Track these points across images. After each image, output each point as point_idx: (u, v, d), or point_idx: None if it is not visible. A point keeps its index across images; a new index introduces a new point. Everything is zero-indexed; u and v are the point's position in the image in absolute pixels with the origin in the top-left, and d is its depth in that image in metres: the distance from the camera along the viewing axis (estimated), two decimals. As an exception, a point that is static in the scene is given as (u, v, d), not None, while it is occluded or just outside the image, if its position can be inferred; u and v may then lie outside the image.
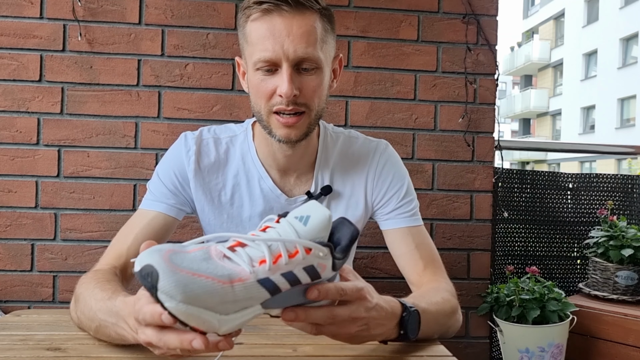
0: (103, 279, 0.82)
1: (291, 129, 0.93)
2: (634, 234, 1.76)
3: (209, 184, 1.03)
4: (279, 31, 0.87)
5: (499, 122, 1.84)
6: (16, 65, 1.62)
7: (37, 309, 1.60)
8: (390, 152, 1.10)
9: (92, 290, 0.78)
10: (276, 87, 0.90)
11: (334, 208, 1.07)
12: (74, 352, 0.72)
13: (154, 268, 0.52)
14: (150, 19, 1.65)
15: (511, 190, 1.96)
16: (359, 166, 1.07)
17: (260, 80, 0.91)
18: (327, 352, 0.76)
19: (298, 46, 0.87)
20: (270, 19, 0.87)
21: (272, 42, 0.87)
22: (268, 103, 0.92)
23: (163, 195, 1.01)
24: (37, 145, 1.63)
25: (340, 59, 1.03)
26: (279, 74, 0.89)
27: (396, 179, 1.08)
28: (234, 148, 1.05)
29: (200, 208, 1.05)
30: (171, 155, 1.05)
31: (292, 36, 0.87)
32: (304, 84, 0.91)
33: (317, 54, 0.90)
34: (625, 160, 16.41)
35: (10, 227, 1.62)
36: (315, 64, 0.91)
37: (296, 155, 1.02)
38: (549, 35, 28.10)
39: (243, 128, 1.08)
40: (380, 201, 1.08)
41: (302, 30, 0.88)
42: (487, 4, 1.77)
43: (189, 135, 1.04)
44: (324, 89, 0.96)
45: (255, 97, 0.94)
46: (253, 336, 0.81)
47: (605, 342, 1.69)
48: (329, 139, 1.08)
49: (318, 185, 1.05)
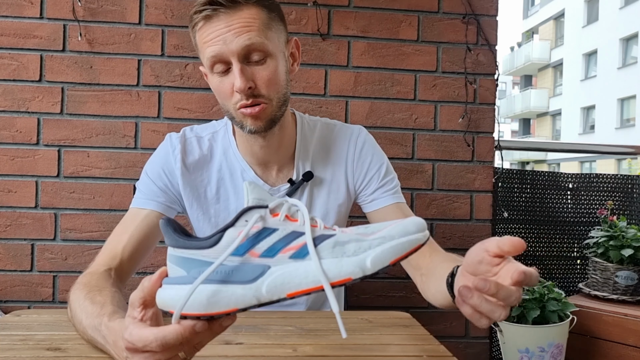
0: (94, 288, 0.81)
1: (256, 118, 0.95)
2: (634, 234, 1.76)
3: (195, 181, 1.06)
4: (220, 30, 0.90)
5: (499, 122, 1.84)
6: (16, 65, 1.62)
7: (37, 309, 1.60)
8: (365, 135, 1.13)
9: (82, 302, 0.78)
10: (232, 84, 0.92)
11: (316, 194, 1.09)
12: (74, 352, 0.72)
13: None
14: (150, 19, 1.65)
15: (511, 190, 1.96)
16: (338, 151, 1.10)
17: (219, 82, 0.94)
18: (327, 352, 0.76)
19: (239, 38, 0.89)
20: (211, 23, 0.91)
21: (216, 40, 0.90)
22: (231, 101, 0.94)
23: (153, 194, 1.03)
24: (37, 145, 1.63)
25: (295, 41, 1.04)
26: (232, 72, 0.92)
27: (375, 159, 1.10)
28: (216, 144, 1.08)
29: (189, 205, 1.06)
30: (158, 155, 1.07)
31: (232, 30, 0.89)
32: (256, 75, 0.92)
33: (262, 41, 0.91)
34: (625, 160, 16.40)
35: (10, 227, 1.62)
36: (264, 53, 0.92)
37: (272, 146, 1.04)
38: (549, 35, 28.10)
39: (223, 123, 1.11)
40: (362, 183, 1.10)
41: (242, 23, 0.90)
42: (487, 4, 1.77)
43: (173, 136, 1.07)
44: (280, 75, 0.96)
45: (219, 98, 0.97)
46: (253, 336, 0.81)
47: (605, 342, 1.69)
48: (306, 128, 1.11)
49: (299, 174, 1.08)
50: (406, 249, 0.56)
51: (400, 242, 0.56)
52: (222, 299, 0.54)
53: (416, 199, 1.74)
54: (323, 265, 0.54)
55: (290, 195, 1.05)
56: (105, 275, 0.89)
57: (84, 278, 0.86)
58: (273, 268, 0.55)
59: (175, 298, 0.54)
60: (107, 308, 0.73)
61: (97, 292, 0.79)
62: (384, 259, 0.55)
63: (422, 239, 0.57)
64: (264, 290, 0.54)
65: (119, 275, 0.92)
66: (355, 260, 0.55)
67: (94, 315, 0.73)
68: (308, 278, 0.54)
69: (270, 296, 0.54)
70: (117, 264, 0.93)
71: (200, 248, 0.55)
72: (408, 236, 0.56)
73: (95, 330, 0.71)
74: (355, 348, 0.76)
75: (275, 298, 0.55)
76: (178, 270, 0.56)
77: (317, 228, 0.57)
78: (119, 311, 0.72)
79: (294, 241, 0.56)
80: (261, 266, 0.55)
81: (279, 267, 0.55)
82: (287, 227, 0.56)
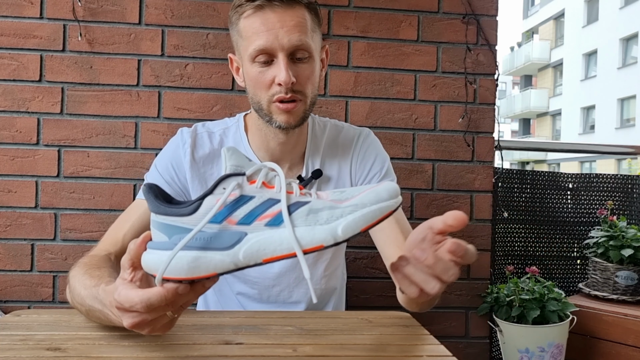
0: (93, 266, 0.85)
1: (290, 114, 0.98)
2: (634, 234, 1.76)
3: (204, 174, 1.07)
4: (272, 23, 0.92)
5: (499, 122, 1.84)
6: (16, 65, 1.62)
7: (37, 309, 1.60)
8: (372, 137, 1.17)
9: (81, 277, 0.81)
10: (274, 77, 0.95)
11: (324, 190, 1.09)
12: (74, 352, 0.72)
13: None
14: (150, 19, 1.65)
15: (511, 190, 1.96)
16: (345, 151, 1.14)
17: (258, 72, 0.96)
18: (327, 352, 0.76)
19: (292, 35, 0.93)
20: (263, 14, 0.93)
21: (266, 33, 0.92)
22: (268, 93, 0.97)
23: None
24: (37, 145, 1.63)
25: (326, 50, 1.08)
26: (275, 65, 0.95)
27: (378, 161, 1.14)
28: (227, 139, 1.10)
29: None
30: (168, 148, 1.10)
31: (285, 27, 0.92)
32: (299, 72, 0.96)
33: (310, 42, 0.96)
34: (625, 160, 16.41)
35: (10, 227, 1.62)
36: (308, 53, 0.96)
37: (289, 144, 1.07)
38: (549, 35, 28.10)
39: (235, 120, 1.13)
40: (363, 181, 1.13)
41: (295, 21, 0.93)
42: (487, 4, 1.77)
43: (184, 130, 1.10)
44: (316, 76, 1.01)
45: (255, 88, 0.99)
46: (253, 336, 0.81)
47: (605, 342, 1.69)
48: (317, 128, 1.14)
49: (309, 171, 1.10)
50: (377, 217, 0.58)
51: (372, 210, 0.58)
52: (201, 265, 0.57)
53: (416, 199, 1.73)
54: (296, 233, 0.57)
55: None
56: (105, 257, 0.92)
57: (84, 259, 0.90)
58: (249, 235, 0.57)
59: (158, 262, 0.57)
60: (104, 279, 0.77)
61: (96, 269, 0.83)
62: (355, 227, 0.58)
63: (393, 205, 0.59)
64: (240, 257, 0.57)
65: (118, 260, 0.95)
66: (327, 228, 0.57)
67: (92, 286, 0.76)
68: (282, 245, 0.57)
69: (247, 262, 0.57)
70: (118, 250, 0.97)
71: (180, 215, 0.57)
72: (379, 203, 0.59)
73: (93, 299, 0.75)
74: (355, 348, 0.76)
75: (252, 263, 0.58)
76: (160, 235, 0.58)
77: (293, 195, 0.60)
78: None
79: (269, 209, 0.58)
80: (238, 233, 0.57)
81: (255, 234, 0.57)
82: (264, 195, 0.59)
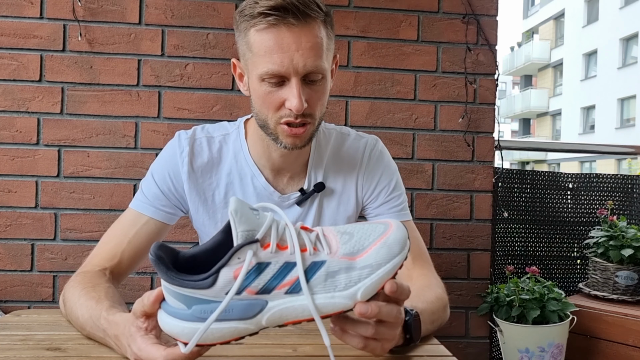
0: (88, 285, 0.83)
1: (297, 138, 0.93)
2: (634, 234, 1.76)
3: (202, 185, 1.03)
4: (287, 45, 0.86)
5: (499, 122, 1.84)
6: (16, 65, 1.62)
7: (37, 309, 1.60)
8: (380, 148, 1.11)
9: (78, 300, 0.80)
10: (284, 99, 0.89)
11: (326, 205, 1.07)
12: (74, 352, 0.72)
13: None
14: (150, 19, 1.65)
15: (511, 190, 1.96)
16: (351, 163, 1.08)
17: (267, 92, 0.90)
18: (327, 352, 0.76)
19: (308, 60, 0.87)
20: (278, 32, 0.86)
21: (280, 55, 0.86)
22: (276, 114, 0.91)
23: (156, 198, 1.01)
24: (37, 145, 1.63)
25: (337, 59, 1.04)
26: (287, 86, 0.89)
27: (385, 174, 1.09)
28: (227, 146, 1.05)
29: (195, 209, 1.04)
30: (165, 156, 1.04)
31: (301, 50, 0.86)
32: (311, 95, 0.90)
33: (324, 65, 0.90)
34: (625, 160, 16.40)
35: (10, 227, 1.62)
36: (322, 74, 0.91)
37: (292, 155, 1.02)
38: (549, 35, 28.09)
39: (235, 126, 1.07)
40: (370, 196, 1.09)
41: (311, 43, 0.87)
42: (487, 4, 1.77)
43: (182, 135, 1.04)
44: (327, 95, 0.96)
45: (262, 107, 0.92)
46: (253, 336, 0.81)
47: (605, 342, 1.69)
48: (322, 137, 1.09)
49: (311, 184, 1.06)
50: (391, 273, 0.62)
51: (387, 270, 0.62)
52: (227, 334, 0.60)
53: (416, 199, 1.73)
54: (316, 300, 0.60)
55: (299, 204, 1.04)
56: (99, 273, 0.90)
57: (78, 277, 0.88)
58: (271, 303, 0.60)
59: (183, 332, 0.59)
60: (103, 303, 0.76)
61: (91, 288, 0.82)
62: (373, 290, 0.61)
63: (404, 255, 0.64)
64: (264, 322, 0.60)
65: (114, 275, 0.94)
66: (346, 294, 0.60)
67: (91, 310, 0.75)
68: (305, 312, 0.60)
69: (269, 325, 0.61)
70: (114, 266, 0.94)
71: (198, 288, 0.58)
72: (393, 260, 0.62)
73: (93, 326, 0.74)
74: (355, 348, 0.76)
75: (274, 325, 0.61)
76: (176, 302, 0.59)
77: (307, 253, 0.61)
78: (116, 305, 0.76)
79: (287, 276, 0.60)
80: (260, 303, 0.60)
81: (276, 302, 0.60)
82: (279, 260, 0.60)
